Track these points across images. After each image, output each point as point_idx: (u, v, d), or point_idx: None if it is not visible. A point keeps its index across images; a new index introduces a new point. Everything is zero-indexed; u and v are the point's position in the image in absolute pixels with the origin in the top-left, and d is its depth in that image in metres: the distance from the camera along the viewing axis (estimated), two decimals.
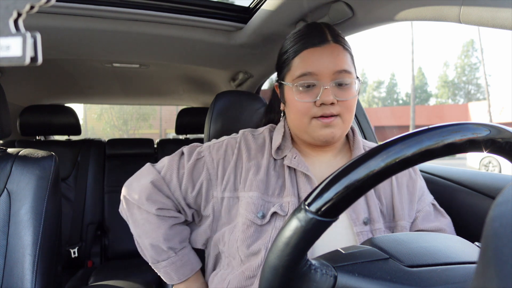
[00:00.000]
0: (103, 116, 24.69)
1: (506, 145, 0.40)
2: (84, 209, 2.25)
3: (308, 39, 0.76)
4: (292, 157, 0.80)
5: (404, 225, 0.80)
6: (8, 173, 0.98)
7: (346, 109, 0.75)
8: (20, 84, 2.13)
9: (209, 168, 0.84)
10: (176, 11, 1.22)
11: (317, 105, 0.74)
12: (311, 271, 0.41)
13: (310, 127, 0.76)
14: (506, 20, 0.66)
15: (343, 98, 0.74)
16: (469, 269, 0.44)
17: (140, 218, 0.85)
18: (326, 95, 0.72)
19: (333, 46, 0.75)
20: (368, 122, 1.49)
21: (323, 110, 0.74)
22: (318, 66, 0.74)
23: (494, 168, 10.30)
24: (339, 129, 0.76)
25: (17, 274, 0.92)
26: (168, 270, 0.89)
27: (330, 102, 0.73)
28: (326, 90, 0.73)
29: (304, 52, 0.76)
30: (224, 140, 0.88)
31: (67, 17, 1.19)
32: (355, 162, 0.39)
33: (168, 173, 0.86)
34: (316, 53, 0.74)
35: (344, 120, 0.76)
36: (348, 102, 0.75)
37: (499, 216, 0.25)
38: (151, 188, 0.84)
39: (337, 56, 0.74)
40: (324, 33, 0.77)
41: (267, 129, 0.90)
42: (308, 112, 0.75)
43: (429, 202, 0.86)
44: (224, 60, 1.71)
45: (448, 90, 37.75)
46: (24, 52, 0.26)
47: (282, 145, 0.83)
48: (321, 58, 0.74)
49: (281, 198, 0.79)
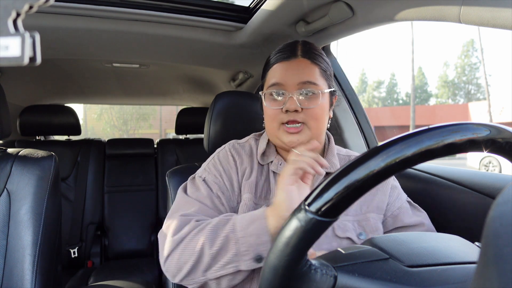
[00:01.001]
0: (103, 116, 24.70)
1: (506, 145, 0.40)
2: (84, 209, 2.25)
3: (281, 54, 0.86)
4: (278, 164, 0.88)
5: (374, 217, 0.85)
6: (8, 173, 0.98)
7: (311, 117, 0.82)
8: (20, 84, 2.13)
9: (217, 183, 0.86)
10: (176, 11, 1.22)
11: (284, 112, 0.82)
12: (311, 271, 0.41)
13: (279, 133, 0.84)
14: (506, 20, 0.66)
15: (307, 106, 0.82)
16: (469, 269, 0.44)
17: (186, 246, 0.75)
18: (291, 103, 0.81)
19: (300, 60, 0.84)
20: (368, 122, 1.49)
21: (289, 117, 0.82)
22: (284, 78, 0.83)
23: (494, 168, 10.30)
24: (305, 136, 0.83)
25: (17, 274, 0.92)
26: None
27: (293, 109, 0.81)
28: (291, 99, 0.81)
29: (275, 65, 0.86)
30: (214, 156, 0.93)
31: (67, 17, 1.19)
32: (355, 162, 0.39)
33: (186, 207, 0.82)
34: (284, 66, 0.84)
35: (310, 127, 0.83)
36: (312, 110, 0.82)
37: (499, 216, 0.25)
38: (181, 221, 0.78)
39: (303, 69, 0.83)
40: (295, 49, 0.86)
41: (252, 138, 0.97)
42: (276, 118, 0.83)
43: (405, 199, 0.92)
44: (224, 60, 1.71)
45: (448, 90, 37.75)
46: (23, 52, 0.26)
47: (267, 151, 0.90)
48: (287, 71, 0.83)
49: (268, 200, 0.85)
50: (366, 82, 43.42)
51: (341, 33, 1.19)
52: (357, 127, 1.48)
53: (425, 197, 1.07)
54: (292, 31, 1.27)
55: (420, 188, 1.10)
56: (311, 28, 1.18)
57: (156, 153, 2.55)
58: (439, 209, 1.01)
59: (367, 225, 0.84)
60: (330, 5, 1.04)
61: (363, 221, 0.84)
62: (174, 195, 1.11)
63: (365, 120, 1.48)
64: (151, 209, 2.39)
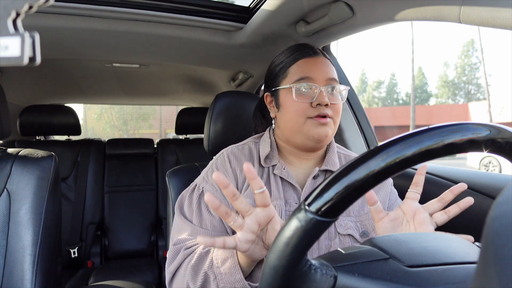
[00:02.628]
0: (103, 116, 24.70)
1: (506, 145, 0.40)
2: (84, 209, 2.25)
3: (303, 50, 0.87)
4: (282, 168, 0.88)
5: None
6: (8, 173, 0.98)
7: (336, 112, 0.85)
8: (20, 84, 2.13)
9: (214, 194, 0.85)
10: (176, 11, 1.22)
11: (313, 106, 0.82)
12: (311, 271, 0.41)
13: (306, 126, 0.83)
14: (506, 20, 0.66)
15: (334, 102, 0.84)
16: (469, 269, 0.44)
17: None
18: (322, 97, 0.81)
19: (323, 59, 0.87)
20: (368, 122, 1.49)
21: (319, 110, 0.82)
22: (314, 72, 0.84)
23: (494, 168, 10.30)
24: (331, 129, 0.84)
25: (17, 274, 0.92)
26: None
27: (325, 103, 0.81)
28: (321, 93, 0.82)
29: (301, 61, 0.86)
30: (212, 164, 0.92)
31: (67, 17, 1.19)
32: (355, 162, 0.39)
33: (181, 232, 0.82)
34: (311, 62, 0.85)
35: (335, 122, 0.85)
36: (338, 106, 0.85)
37: (499, 216, 0.25)
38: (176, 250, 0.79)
39: (328, 66, 0.86)
40: (315, 48, 0.89)
41: (251, 141, 0.96)
42: (305, 112, 0.83)
43: None
44: (224, 60, 1.71)
45: (448, 90, 37.74)
46: (23, 52, 0.26)
47: (270, 154, 0.90)
48: (316, 66, 0.85)
49: None
50: (366, 82, 43.42)
51: (341, 33, 1.19)
52: (357, 127, 1.48)
53: (425, 197, 1.06)
54: (292, 31, 1.27)
55: None
56: (311, 28, 1.18)
57: (156, 153, 2.55)
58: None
59: (370, 223, 0.85)
60: (330, 5, 1.04)
61: (366, 221, 0.85)
62: (174, 195, 1.11)
63: (365, 120, 1.48)
64: (151, 209, 2.39)
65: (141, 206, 2.37)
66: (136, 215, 2.34)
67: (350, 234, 0.83)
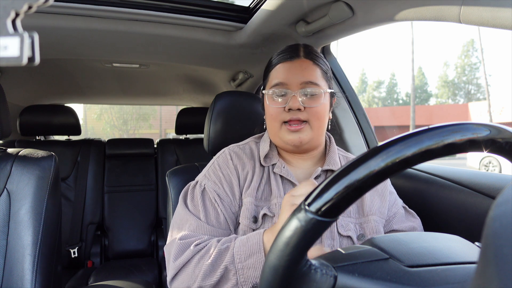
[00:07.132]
0: (103, 116, 24.67)
1: (506, 145, 0.40)
2: (84, 209, 2.25)
3: (283, 55, 0.88)
4: (282, 167, 0.88)
5: (376, 219, 0.85)
6: (8, 173, 0.98)
7: (313, 116, 0.84)
8: (20, 84, 2.13)
9: (217, 190, 0.86)
10: (176, 11, 1.22)
11: (286, 111, 0.83)
12: (311, 271, 0.41)
13: (281, 132, 0.85)
14: (506, 20, 0.66)
15: (310, 105, 0.83)
16: (469, 269, 0.44)
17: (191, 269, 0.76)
18: (293, 102, 0.82)
19: (303, 61, 0.86)
20: (368, 122, 1.49)
21: (291, 115, 0.83)
22: (287, 77, 0.84)
23: (494, 168, 10.29)
24: (307, 135, 0.84)
25: (17, 274, 0.92)
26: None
27: (296, 108, 0.82)
28: (293, 97, 0.82)
29: (278, 66, 0.87)
30: (214, 161, 0.93)
31: (67, 17, 1.19)
32: (355, 162, 0.39)
33: (186, 225, 0.82)
34: (287, 66, 0.86)
35: (312, 127, 0.84)
36: (315, 109, 0.83)
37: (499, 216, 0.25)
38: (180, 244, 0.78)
39: (305, 69, 0.85)
40: (297, 50, 0.88)
41: (251, 141, 0.98)
42: (278, 116, 0.84)
43: (401, 205, 0.94)
44: (224, 60, 1.71)
45: (448, 90, 37.71)
46: (22, 52, 0.26)
47: (270, 153, 0.91)
48: (290, 70, 0.85)
49: (269, 201, 0.86)
50: (366, 82, 43.40)
51: (341, 33, 1.19)
52: (357, 127, 1.48)
53: (425, 197, 1.07)
54: (292, 31, 1.27)
55: (420, 188, 1.10)
56: (311, 28, 1.18)
57: (156, 153, 2.55)
58: (439, 209, 1.01)
59: (368, 227, 0.85)
60: (330, 5, 1.04)
61: (364, 224, 0.85)
62: (174, 195, 1.11)
63: (365, 120, 1.48)
64: (151, 209, 2.39)
65: (141, 206, 2.37)
66: (136, 215, 2.34)
67: (349, 236, 0.83)
